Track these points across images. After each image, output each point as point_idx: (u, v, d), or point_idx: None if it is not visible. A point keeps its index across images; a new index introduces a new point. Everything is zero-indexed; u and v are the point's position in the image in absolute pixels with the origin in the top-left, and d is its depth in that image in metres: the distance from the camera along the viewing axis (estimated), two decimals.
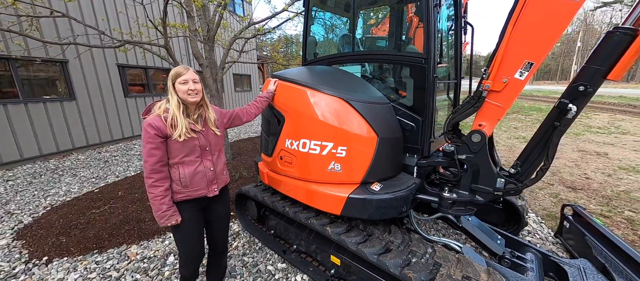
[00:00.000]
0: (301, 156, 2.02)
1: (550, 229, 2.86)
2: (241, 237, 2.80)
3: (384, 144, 1.88)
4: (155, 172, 1.43)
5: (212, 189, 1.65)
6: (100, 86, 6.89)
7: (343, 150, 1.86)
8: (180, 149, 1.49)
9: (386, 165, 1.96)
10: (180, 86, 1.49)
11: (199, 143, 1.55)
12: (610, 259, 1.96)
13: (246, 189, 2.70)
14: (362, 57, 2.77)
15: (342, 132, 1.86)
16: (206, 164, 1.60)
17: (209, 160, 1.62)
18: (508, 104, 1.67)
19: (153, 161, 1.41)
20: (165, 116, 1.45)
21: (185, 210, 1.57)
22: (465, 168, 1.91)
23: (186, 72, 1.49)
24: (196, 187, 1.57)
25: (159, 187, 1.45)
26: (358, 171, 1.89)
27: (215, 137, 1.66)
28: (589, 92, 1.43)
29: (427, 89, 1.98)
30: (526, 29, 1.51)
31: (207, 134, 1.60)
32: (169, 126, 1.44)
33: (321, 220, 2.03)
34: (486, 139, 1.74)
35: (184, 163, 1.52)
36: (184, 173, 1.52)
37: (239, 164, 5.02)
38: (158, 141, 1.41)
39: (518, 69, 1.58)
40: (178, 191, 1.53)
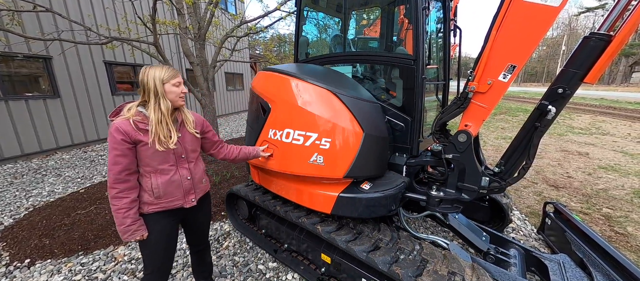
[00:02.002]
0: (283, 147, 1.95)
1: (533, 226, 2.97)
2: (232, 237, 2.79)
3: (370, 141, 1.85)
4: (120, 181, 1.28)
5: (189, 200, 1.51)
6: (86, 84, 6.70)
7: (327, 142, 1.80)
8: (152, 156, 1.34)
9: (370, 163, 1.90)
10: (173, 89, 1.36)
11: (174, 151, 1.41)
12: (587, 254, 2.06)
13: (237, 189, 2.69)
14: (353, 57, 2.80)
15: (328, 124, 1.82)
16: (182, 173, 1.46)
17: (185, 168, 1.47)
18: (492, 105, 1.73)
19: (118, 169, 1.26)
20: (136, 120, 1.29)
21: (156, 222, 1.42)
22: (452, 167, 1.97)
23: (178, 74, 1.39)
24: (171, 198, 1.43)
25: (124, 199, 1.29)
26: (340, 166, 1.81)
27: (192, 143, 1.51)
28: (567, 94, 1.50)
29: (416, 90, 2.03)
30: (509, 33, 1.57)
31: (183, 139, 1.46)
32: (136, 130, 1.28)
33: (312, 219, 2.04)
34: (472, 139, 1.79)
35: (157, 172, 1.37)
36: (157, 183, 1.37)
37: (230, 164, 4.98)
38: (125, 148, 1.26)
39: (502, 72, 1.64)
40: (150, 202, 1.38)
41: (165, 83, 1.33)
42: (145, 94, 1.33)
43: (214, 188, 3.90)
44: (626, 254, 2.47)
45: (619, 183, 4.08)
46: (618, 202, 3.47)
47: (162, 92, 1.32)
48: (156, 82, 1.30)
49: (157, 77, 1.30)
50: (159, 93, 1.31)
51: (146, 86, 1.32)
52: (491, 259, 2.07)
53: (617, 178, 4.31)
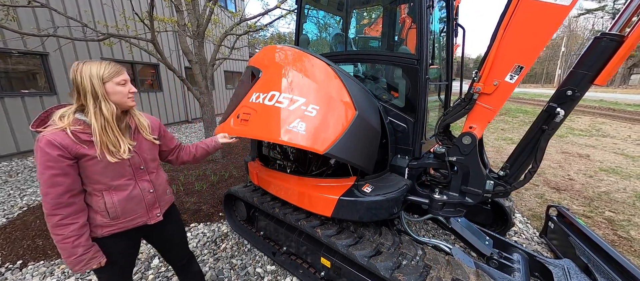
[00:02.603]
0: (263, 110, 1.70)
1: (535, 230, 2.93)
2: (229, 239, 2.74)
3: (361, 125, 1.67)
4: (63, 206, 1.05)
5: (154, 215, 1.33)
6: None
7: (314, 109, 1.60)
8: (104, 172, 1.13)
9: (357, 149, 1.66)
10: (118, 88, 1.13)
11: (131, 162, 1.21)
12: (592, 259, 2.02)
13: (235, 190, 2.64)
14: (354, 56, 2.75)
15: (320, 92, 1.68)
16: (143, 186, 1.26)
17: (145, 181, 1.28)
18: (498, 106, 1.68)
19: (58, 192, 1.04)
20: (76, 129, 1.06)
21: (114, 246, 1.23)
22: (456, 170, 1.92)
23: (123, 70, 1.18)
24: (132, 216, 1.24)
25: (71, 225, 1.07)
26: (323, 139, 1.54)
27: (151, 151, 1.32)
28: (577, 96, 1.46)
29: (419, 91, 1.98)
30: (517, 33, 1.52)
31: (140, 147, 1.26)
32: (77, 142, 1.06)
33: (311, 222, 2.00)
34: (476, 141, 1.75)
35: (111, 189, 1.17)
36: (112, 202, 1.17)
37: (229, 164, 4.93)
38: (65, 165, 1.04)
39: (508, 72, 1.59)
40: (104, 224, 1.18)
41: (107, 82, 1.10)
42: (81, 97, 1.09)
43: (211, 188, 3.85)
44: (630, 259, 2.43)
45: (620, 186, 4.05)
46: (620, 205, 3.43)
47: (104, 94, 1.09)
48: (94, 81, 1.07)
49: (94, 75, 1.07)
50: (99, 95, 1.08)
51: (81, 86, 1.07)
52: (494, 264, 2.02)
53: (619, 180, 4.28)
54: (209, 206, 3.35)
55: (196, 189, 3.76)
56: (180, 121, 9.84)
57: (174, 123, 9.48)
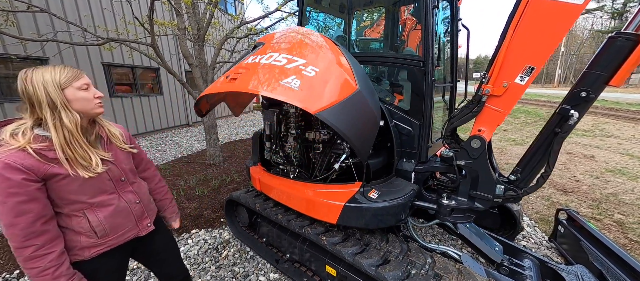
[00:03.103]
0: (256, 67, 1.57)
1: (544, 233, 2.87)
2: (231, 245, 2.68)
3: (360, 102, 1.54)
4: (36, 235, 0.93)
5: (144, 226, 1.26)
6: None
7: (313, 70, 1.49)
8: (81, 189, 1.02)
9: (351, 124, 1.46)
10: (80, 94, 1.01)
11: (110, 175, 1.12)
12: (606, 265, 1.95)
13: (237, 196, 2.58)
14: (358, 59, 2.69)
15: (322, 58, 1.58)
16: (128, 198, 1.19)
17: (129, 192, 1.20)
18: (508, 109, 1.63)
19: (28, 220, 0.91)
20: (39, 147, 0.94)
21: (104, 264, 1.14)
22: (464, 174, 1.87)
23: (83, 73, 1.07)
24: (122, 231, 1.16)
25: (47, 255, 0.95)
26: (316, 100, 1.39)
27: (128, 160, 1.24)
28: (591, 98, 1.40)
29: (424, 93, 1.93)
30: (527, 32, 1.48)
31: (117, 158, 1.17)
32: (45, 161, 0.94)
33: (316, 229, 1.94)
34: (486, 144, 1.69)
35: (94, 206, 1.07)
36: (99, 219, 1.08)
37: (230, 168, 4.87)
38: (31, 190, 0.91)
39: (519, 74, 1.55)
40: (92, 244, 1.08)
41: (66, 88, 0.98)
42: (36, 110, 0.96)
43: (212, 193, 3.79)
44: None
45: (628, 187, 3.98)
46: (629, 207, 3.36)
47: (63, 102, 0.97)
48: (49, 89, 0.94)
49: (48, 82, 0.95)
50: (58, 104, 0.95)
51: (34, 97, 0.94)
52: (505, 271, 1.96)
53: (626, 181, 4.21)
54: (210, 211, 3.29)
55: (197, 195, 3.71)
56: (181, 125, 9.81)
57: (174, 127, 9.44)
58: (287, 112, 2.12)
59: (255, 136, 2.70)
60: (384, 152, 2.18)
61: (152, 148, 6.76)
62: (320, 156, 2.04)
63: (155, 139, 7.81)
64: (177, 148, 6.76)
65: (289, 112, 2.11)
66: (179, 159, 5.66)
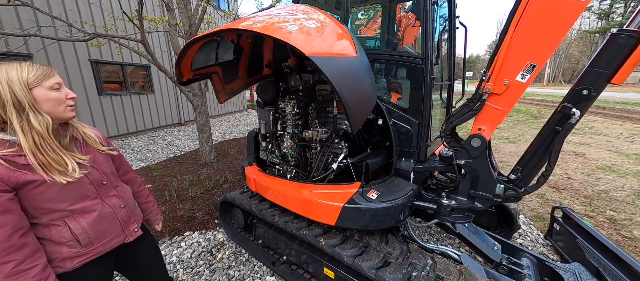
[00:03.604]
0: (251, 17, 1.53)
1: (539, 231, 2.89)
2: (226, 248, 2.61)
3: (357, 69, 1.44)
4: (15, 249, 0.86)
5: (131, 231, 1.19)
6: (70, 83, 6.36)
7: (314, 23, 1.43)
8: (60, 196, 0.95)
9: (345, 79, 1.35)
10: (51, 94, 0.93)
11: (90, 179, 1.05)
12: (603, 263, 1.96)
13: (231, 197, 2.51)
14: None
15: (325, 22, 1.49)
16: (112, 203, 1.12)
17: (113, 196, 1.13)
18: (509, 107, 1.61)
19: (5, 234, 0.84)
20: (6, 154, 0.86)
21: (89, 275, 1.07)
22: (464, 174, 1.84)
23: (54, 71, 0.98)
24: (108, 237, 1.09)
25: (31, 269, 0.88)
26: (312, 45, 1.30)
27: (108, 163, 1.16)
28: (593, 96, 1.39)
29: (424, 91, 1.90)
30: (529, 29, 1.45)
31: (96, 161, 1.09)
32: (17, 169, 0.87)
33: (314, 231, 1.89)
34: (486, 143, 1.67)
35: (75, 213, 1.00)
36: (82, 227, 1.00)
37: (224, 168, 4.78)
38: (4, 200, 0.85)
39: (520, 72, 1.52)
40: (74, 255, 1.00)
41: (34, 87, 0.90)
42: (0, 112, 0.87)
43: (206, 193, 3.70)
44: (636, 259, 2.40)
45: (618, 184, 4.06)
46: (620, 204, 3.43)
47: (31, 102, 0.88)
48: (15, 88, 0.86)
49: (14, 81, 0.86)
50: (26, 105, 0.88)
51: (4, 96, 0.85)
52: (504, 270, 1.95)
53: (616, 178, 4.30)
54: (204, 213, 3.21)
55: (190, 196, 3.61)
56: (173, 124, 9.61)
57: (166, 126, 9.24)
58: (283, 110, 2.06)
59: (250, 135, 2.63)
60: (383, 151, 2.14)
61: (143, 147, 6.59)
62: (318, 156, 1.99)
63: (147, 138, 7.62)
64: (169, 147, 6.61)
65: (285, 110, 2.05)
66: (171, 159, 5.53)
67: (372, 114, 2.10)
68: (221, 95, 2.25)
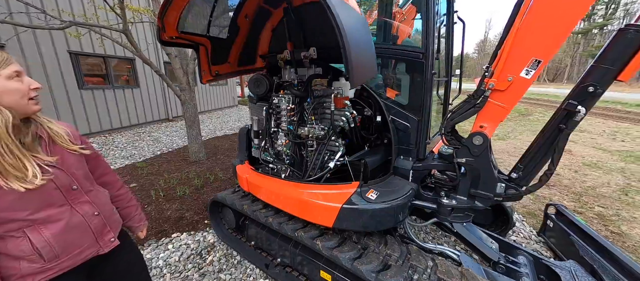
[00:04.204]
0: None
1: (532, 227, 2.91)
2: (217, 250, 2.49)
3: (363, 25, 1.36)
4: None
5: (106, 241, 1.06)
6: (47, 76, 5.98)
7: None
8: (17, 204, 0.83)
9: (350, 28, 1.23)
10: (11, 85, 0.83)
11: (57, 184, 0.91)
12: (597, 260, 1.98)
13: (222, 196, 2.39)
14: None
15: None
16: (84, 210, 0.99)
17: (85, 203, 1.01)
18: (512, 104, 1.56)
19: None
20: None
21: None
22: (464, 172, 1.80)
23: (12, 58, 0.86)
24: (77, 250, 0.96)
25: None
26: None
27: (79, 164, 1.02)
28: (598, 93, 1.35)
29: (424, 87, 1.83)
30: (535, 22, 1.39)
31: (64, 162, 0.95)
32: None
33: (310, 232, 1.80)
34: (488, 141, 1.62)
35: (38, 223, 0.87)
36: (45, 239, 0.88)
37: (214, 165, 4.61)
38: None
39: (524, 67, 1.47)
40: (37, 270, 0.87)
41: None
42: None
43: (195, 192, 3.55)
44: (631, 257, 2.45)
45: (604, 180, 4.17)
46: (607, 200, 3.51)
47: None
48: None
49: None
50: None
51: None
52: (501, 269, 1.93)
53: (602, 175, 4.42)
54: (193, 213, 3.07)
55: (178, 195, 3.45)
56: (161, 120, 9.27)
57: (153, 121, 8.90)
58: (277, 106, 1.95)
59: (241, 131, 2.50)
60: (381, 149, 2.07)
61: (128, 144, 6.31)
62: (314, 154, 1.90)
63: (132, 134, 7.31)
64: (156, 144, 6.35)
65: (280, 106, 1.94)
66: (158, 156, 5.30)
67: (370, 111, 2.02)
68: (205, 74, 2.12)
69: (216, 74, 2.30)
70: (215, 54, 2.19)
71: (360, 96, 2.06)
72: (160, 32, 1.73)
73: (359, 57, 1.22)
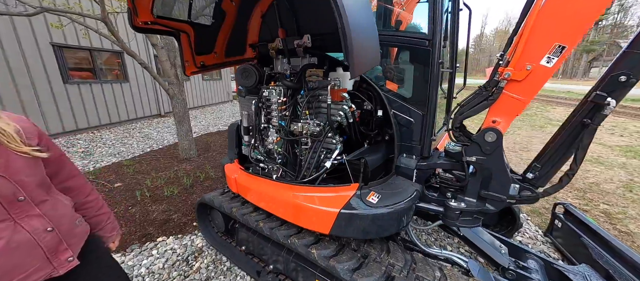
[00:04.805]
0: None
1: (537, 227, 2.79)
2: (205, 255, 2.31)
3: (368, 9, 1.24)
4: None
5: (63, 261, 0.89)
6: (28, 68, 5.67)
7: None
8: None
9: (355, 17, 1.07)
10: None
11: None
12: (612, 264, 1.85)
13: (210, 198, 2.20)
14: None
15: None
16: (32, 226, 0.83)
17: (34, 216, 0.84)
18: (530, 96, 1.40)
19: None
20: None
21: None
22: (473, 172, 1.64)
23: None
24: (22, 273, 0.81)
25: None
26: None
27: (32, 168, 0.86)
28: (632, 82, 1.19)
29: (430, 78, 1.65)
30: (560, 3, 1.22)
31: (9, 168, 0.79)
32: None
33: (304, 239, 1.63)
34: (501, 138, 1.46)
35: None
36: None
37: (205, 163, 4.41)
38: None
39: (546, 54, 1.30)
40: None
41: None
42: None
43: (184, 192, 3.35)
44: None
45: (607, 176, 4.07)
46: (612, 197, 3.41)
47: None
48: None
49: None
50: None
51: None
52: (511, 275, 1.79)
53: (604, 170, 4.33)
54: (180, 214, 2.88)
55: (165, 195, 3.25)
56: (152, 115, 8.98)
57: (144, 117, 8.61)
58: (268, 99, 1.77)
59: (231, 128, 2.31)
60: (382, 147, 1.90)
61: (116, 141, 6.05)
62: (309, 153, 1.72)
63: (121, 131, 7.04)
64: (146, 140, 6.10)
65: (270, 99, 1.75)
66: (147, 153, 5.07)
67: (370, 105, 1.84)
68: (189, 66, 1.92)
69: (201, 65, 2.09)
70: (199, 43, 1.99)
71: (359, 88, 1.88)
72: (132, 16, 1.52)
73: (360, 42, 1.04)
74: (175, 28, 1.79)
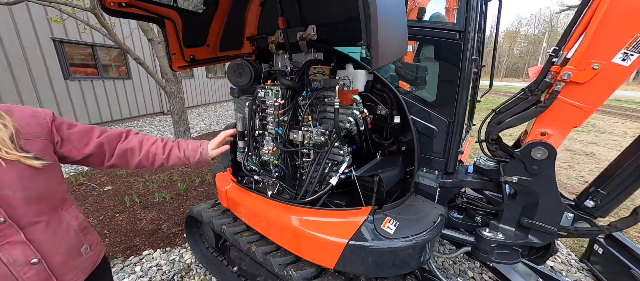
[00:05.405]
0: None
1: (569, 250, 2.46)
2: (193, 274, 2.06)
3: None
4: None
5: None
6: (28, 64, 5.55)
7: None
8: None
9: None
10: None
11: None
12: None
13: (198, 212, 1.94)
14: None
15: None
16: (11, 256, 0.69)
17: (17, 243, 0.69)
18: (596, 104, 1.09)
19: None
20: None
21: None
22: (511, 194, 1.33)
23: None
24: None
25: None
26: None
27: (24, 181, 0.69)
28: None
29: (460, 78, 1.36)
30: None
31: None
32: None
33: (304, 270, 1.36)
34: (555, 155, 1.16)
35: None
36: None
37: (202, 166, 4.17)
38: None
39: (621, 49, 0.99)
40: None
41: None
42: None
43: (177, 198, 3.12)
44: None
45: None
46: None
47: None
48: None
49: None
50: None
51: None
52: None
53: None
54: (171, 224, 2.64)
55: (156, 201, 3.02)
56: (155, 113, 8.84)
57: (146, 115, 8.47)
58: (262, 101, 1.49)
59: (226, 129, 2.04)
60: (397, 159, 1.61)
61: None
62: (311, 166, 1.43)
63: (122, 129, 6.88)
64: None
65: (265, 101, 1.48)
66: None
67: (385, 109, 1.55)
68: (176, 59, 1.66)
69: (191, 59, 1.83)
70: (188, 34, 1.73)
71: (372, 89, 1.59)
72: None
73: (388, 18, 0.75)
74: (159, 13, 1.52)
